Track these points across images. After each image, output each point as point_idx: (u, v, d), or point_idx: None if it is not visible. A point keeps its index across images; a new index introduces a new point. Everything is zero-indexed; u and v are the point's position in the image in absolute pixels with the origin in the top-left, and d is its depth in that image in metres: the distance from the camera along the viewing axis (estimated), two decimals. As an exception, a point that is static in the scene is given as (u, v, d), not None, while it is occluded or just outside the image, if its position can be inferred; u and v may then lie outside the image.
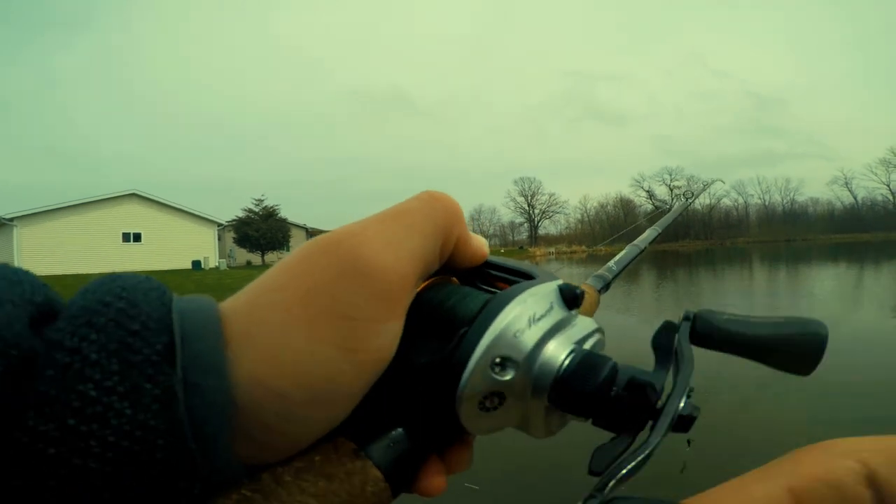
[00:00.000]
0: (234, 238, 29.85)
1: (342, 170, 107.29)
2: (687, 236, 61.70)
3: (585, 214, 74.57)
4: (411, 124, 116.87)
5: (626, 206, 70.15)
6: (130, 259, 21.61)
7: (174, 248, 23.52)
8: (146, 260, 22.08)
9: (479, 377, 0.22)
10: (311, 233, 43.31)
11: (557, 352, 0.24)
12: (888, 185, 53.65)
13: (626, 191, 73.11)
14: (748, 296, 15.45)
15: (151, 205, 23.18)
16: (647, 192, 69.24)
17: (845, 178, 60.82)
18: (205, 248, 24.95)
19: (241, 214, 29.94)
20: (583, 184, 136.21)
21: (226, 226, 28.28)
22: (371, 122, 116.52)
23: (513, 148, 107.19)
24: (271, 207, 30.47)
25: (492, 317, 0.23)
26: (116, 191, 22.17)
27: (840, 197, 60.52)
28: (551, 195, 73.60)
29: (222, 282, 19.54)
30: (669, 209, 0.90)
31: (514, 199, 75.04)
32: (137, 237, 22.51)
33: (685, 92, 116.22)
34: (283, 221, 30.88)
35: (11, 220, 18.81)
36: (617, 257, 0.60)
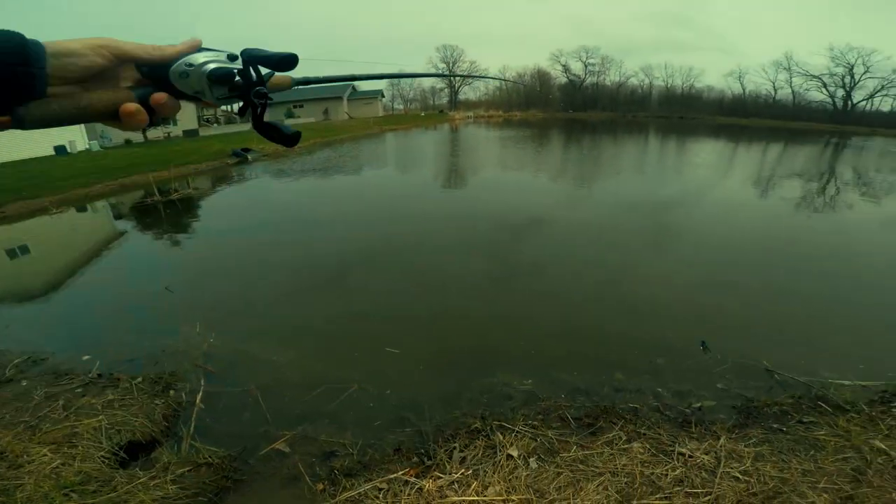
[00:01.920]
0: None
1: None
2: (595, 107, 65.88)
3: (503, 83, 73.82)
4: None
5: (542, 77, 71.44)
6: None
7: (28, 133, 18.94)
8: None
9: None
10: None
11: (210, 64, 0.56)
12: (773, 83, 61.18)
13: (545, 64, 72.06)
14: (642, 165, 16.97)
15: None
16: (564, 66, 70.77)
17: (740, 72, 70.15)
18: (68, 129, 21.01)
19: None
20: (502, 55, 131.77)
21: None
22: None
23: (433, 15, 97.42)
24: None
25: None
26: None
27: (732, 87, 67.48)
28: (472, 63, 72.61)
29: (100, 163, 16.62)
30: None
31: (435, 66, 72.33)
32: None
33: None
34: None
35: None
36: None
